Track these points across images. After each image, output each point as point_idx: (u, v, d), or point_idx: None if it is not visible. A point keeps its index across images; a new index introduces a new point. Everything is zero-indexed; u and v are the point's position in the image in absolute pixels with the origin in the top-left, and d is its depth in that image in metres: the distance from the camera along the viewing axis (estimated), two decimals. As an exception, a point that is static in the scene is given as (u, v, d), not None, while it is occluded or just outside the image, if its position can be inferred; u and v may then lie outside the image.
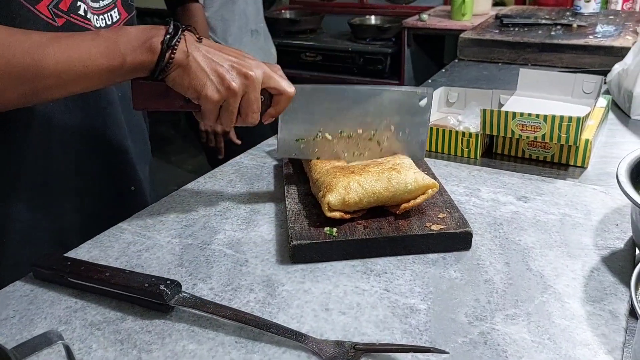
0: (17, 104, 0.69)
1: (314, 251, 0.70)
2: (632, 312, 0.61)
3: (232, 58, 0.72)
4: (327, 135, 0.84)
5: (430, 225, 0.73)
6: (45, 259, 0.69)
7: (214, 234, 0.78)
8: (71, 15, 0.79)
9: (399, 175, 0.74)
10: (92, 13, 0.83)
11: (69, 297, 0.66)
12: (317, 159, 0.85)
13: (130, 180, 0.97)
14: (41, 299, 0.66)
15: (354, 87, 0.82)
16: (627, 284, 0.64)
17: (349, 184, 0.73)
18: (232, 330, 0.60)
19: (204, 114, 0.73)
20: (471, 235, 0.72)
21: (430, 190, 0.75)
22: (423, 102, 0.84)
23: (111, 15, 0.88)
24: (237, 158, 1.05)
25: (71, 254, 0.74)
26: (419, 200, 0.74)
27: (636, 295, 0.48)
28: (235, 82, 0.70)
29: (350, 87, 0.82)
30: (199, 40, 0.72)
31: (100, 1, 0.86)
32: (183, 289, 0.64)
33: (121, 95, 0.92)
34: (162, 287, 0.62)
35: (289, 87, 0.75)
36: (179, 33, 0.69)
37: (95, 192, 0.91)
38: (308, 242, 0.70)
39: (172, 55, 0.68)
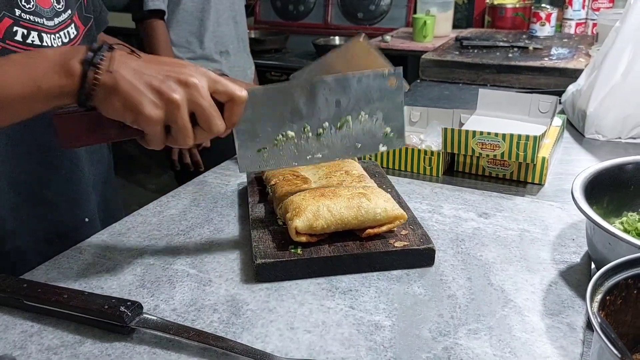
0: None
1: (279, 270, 0.70)
2: (589, 325, 0.63)
3: (167, 67, 0.62)
4: (290, 136, 0.74)
5: (394, 242, 0.73)
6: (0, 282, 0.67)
7: (176, 254, 0.77)
8: (6, 41, 0.76)
9: (369, 203, 0.73)
10: (46, 33, 0.81)
11: (24, 320, 0.64)
12: (286, 167, 0.77)
13: (84, 211, 0.94)
14: (-5, 323, 0.64)
15: (307, 81, 0.72)
16: (584, 297, 0.66)
17: (318, 209, 0.72)
18: (195, 352, 0.59)
19: (148, 137, 0.63)
20: (434, 251, 0.73)
21: (397, 221, 0.75)
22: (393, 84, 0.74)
23: (68, 32, 0.85)
24: (201, 177, 1.04)
25: (27, 275, 0.72)
26: (384, 228, 0.74)
27: (592, 308, 0.49)
28: (176, 93, 0.60)
29: (303, 81, 0.73)
30: (130, 53, 0.62)
31: (55, 18, 0.83)
32: (144, 310, 0.62)
33: None
34: (122, 308, 0.60)
35: (239, 91, 0.65)
36: (103, 50, 0.60)
37: (48, 221, 0.89)
38: (272, 260, 0.70)
39: (97, 76, 0.59)
